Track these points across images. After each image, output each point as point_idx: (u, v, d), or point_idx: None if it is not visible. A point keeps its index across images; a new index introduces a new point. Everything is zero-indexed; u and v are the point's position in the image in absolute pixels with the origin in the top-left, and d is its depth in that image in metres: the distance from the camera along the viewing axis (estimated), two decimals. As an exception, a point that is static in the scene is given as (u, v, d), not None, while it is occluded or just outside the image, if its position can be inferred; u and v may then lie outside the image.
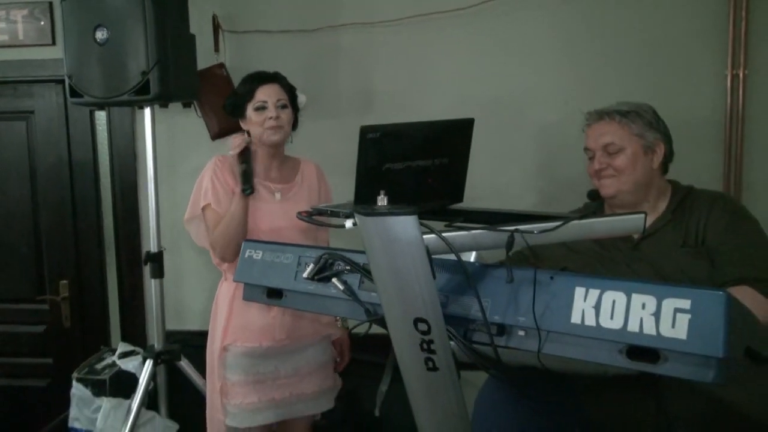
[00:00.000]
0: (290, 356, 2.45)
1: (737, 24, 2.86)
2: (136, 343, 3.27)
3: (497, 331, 1.26)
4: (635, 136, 2.10)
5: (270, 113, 2.39)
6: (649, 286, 1.11)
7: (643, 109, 2.15)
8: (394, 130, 1.37)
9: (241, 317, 2.41)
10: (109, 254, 3.52)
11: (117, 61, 2.58)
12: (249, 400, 2.40)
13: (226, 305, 2.43)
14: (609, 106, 2.19)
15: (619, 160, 2.09)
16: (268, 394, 2.41)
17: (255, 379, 2.41)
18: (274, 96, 2.42)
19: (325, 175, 2.58)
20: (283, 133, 2.42)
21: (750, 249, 1.94)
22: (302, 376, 2.47)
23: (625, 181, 2.09)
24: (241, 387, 2.41)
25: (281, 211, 2.40)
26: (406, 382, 1.35)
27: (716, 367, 1.04)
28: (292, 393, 2.45)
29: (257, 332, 2.40)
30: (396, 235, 1.16)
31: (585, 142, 2.20)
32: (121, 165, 3.37)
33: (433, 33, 3.06)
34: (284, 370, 2.44)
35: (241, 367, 2.41)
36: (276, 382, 2.43)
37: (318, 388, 2.49)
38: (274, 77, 2.46)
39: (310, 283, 1.49)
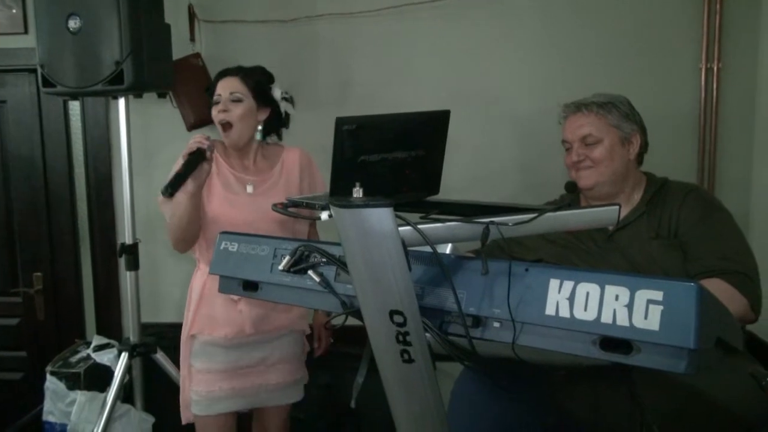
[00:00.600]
0: (257, 347, 2.43)
1: (711, 17, 2.89)
2: (111, 336, 3.25)
3: (472, 323, 1.27)
4: (612, 128, 2.12)
5: (220, 106, 2.34)
6: (623, 278, 1.11)
7: (619, 100, 2.17)
8: (370, 121, 1.37)
9: (208, 308, 2.41)
10: (84, 246, 3.49)
11: (90, 50, 2.55)
12: (210, 389, 2.40)
13: (197, 295, 2.43)
14: (585, 98, 2.20)
15: (596, 152, 2.11)
16: (230, 383, 2.41)
17: (218, 368, 2.41)
18: (228, 89, 2.36)
19: (312, 161, 2.52)
20: (236, 130, 2.34)
21: (722, 241, 1.97)
22: (267, 366, 2.46)
23: (603, 172, 2.11)
24: (203, 375, 2.41)
25: (253, 205, 2.37)
26: (382, 373, 1.35)
27: (688, 358, 1.05)
28: (254, 383, 2.44)
29: (223, 324, 2.39)
30: (371, 227, 1.15)
31: (562, 134, 2.21)
32: (95, 156, 3.34)
33: (412, 24, 3.06)
34: (249, 359, 2.43)
35: (205, 355, 2.41)
36: (239, 372, 2.42)
37: (283, 379, 2.48)
38: (235, 71, 2.40)
39: (286, 275, 1.49)
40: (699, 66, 2.93)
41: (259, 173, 2.44)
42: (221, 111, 2.34)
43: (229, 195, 2.38)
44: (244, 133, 2.37)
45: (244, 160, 2.44)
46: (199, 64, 3.08)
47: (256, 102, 2.39)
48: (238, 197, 2.39)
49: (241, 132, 2.36)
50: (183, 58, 3.04)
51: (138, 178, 2.91)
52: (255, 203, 2.37)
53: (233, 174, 2.42)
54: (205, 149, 2.19)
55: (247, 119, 2.37)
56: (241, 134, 2.36)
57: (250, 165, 2.45)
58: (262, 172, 2.45)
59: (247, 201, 2.38)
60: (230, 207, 2.36)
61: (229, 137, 2.35)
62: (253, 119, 2.40)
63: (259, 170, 2.45)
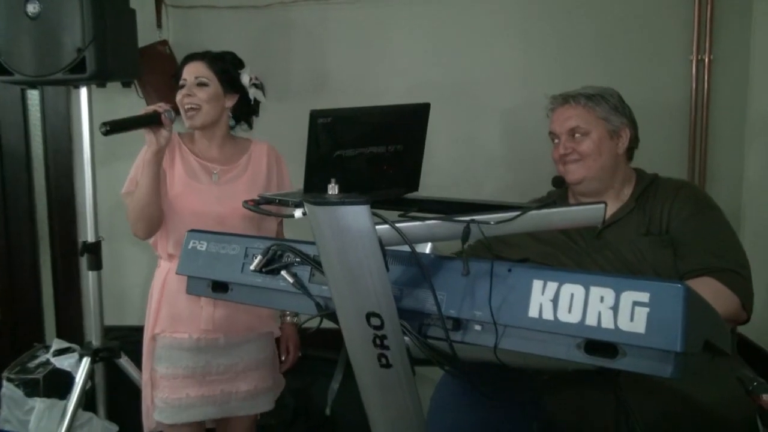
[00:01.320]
0: (224, 352, 2.42)
1: (703, 7, 2.92)
2: (72, 340, 3.23)
3: (453, 326, 1.27)
4: (601, 120, 2.14)
5: (184, 91, 2.35)
6: (608, 279, 1.13)
7: (609, 93, 2.19)
8: (347, 114, 1.37)
9: (171, 306, 2.39)
10: (43, 244, 3.46)
11: (50, 36, 2.53)
12: (176, 396, 2.38)
13: (158, 293, 2.42)
14: (574, 89, 2.22)
15: (584, 145, 2.13)
16: (197, 390, 2.39)
17: (184, 373, 2.39)
18: (194, 73, 2.37)
19: (281, 157, 2.53)
20: (202, 114, 2.35)
21: (713, 238, 2.00)
22: (237, 373, 2.44)
23: (591, 166, 2.13)
24: (168, 380, 2.39)
25: (217, 194, 2.37)
26: (358, 379, 1.36)
27: (674, 361, 1.07)
28: (224, 390, 2.43)
29: (186, 322, 2.38)
30: (347, 225, 1.16)
31: (549, 127, 2.24)
32: (55, 149, 3.31)
33: (392, 11, 3.07)
34: (216, 366, 2.41)
35: (169, 359, 2.40)
36: (206, 378, 2.40)
37: (254, 387, 2.47)
38: (201, 55, 2.41)
39: (258, 275, 1.49)
40: (690, 58, 2.96)
41: (224, 162, 2.44)
42: (186, 95, 2.34)
43: (192, 183, 2.38)
44: (209, 116, 2.38)
45: (209, 147, 2.44)
46: (166, 51, 3.07)
47: (223, 87, 2.40)
48: (202, 186, 2.39)
49: (206, 115, 2.36)
50: (149, 45, 3.03)
51: (101, 173, 2.88)
52: (220, 192, 2.37)
53: (198, 161, 2.42)
54: (161, 113, 2.22)
55: (213, 104, 2.38)
56: (205, 118, 2.37)
57: (216, 152, 2.44)
58: (228, 161, 2.45)
59: (212, 189, 2.38)
60: (194, 195, 2.36)
61: (193, 120, 2.35)
62: (220, 105, 2.40)
63: (226, 159, 2.45)
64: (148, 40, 3.02)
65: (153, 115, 2.21)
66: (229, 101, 2.42)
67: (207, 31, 3.11)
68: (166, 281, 2.40)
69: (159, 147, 2.24)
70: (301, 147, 1.32)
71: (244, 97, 2.47)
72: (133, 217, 2.34)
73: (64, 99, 3.26)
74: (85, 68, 2.52)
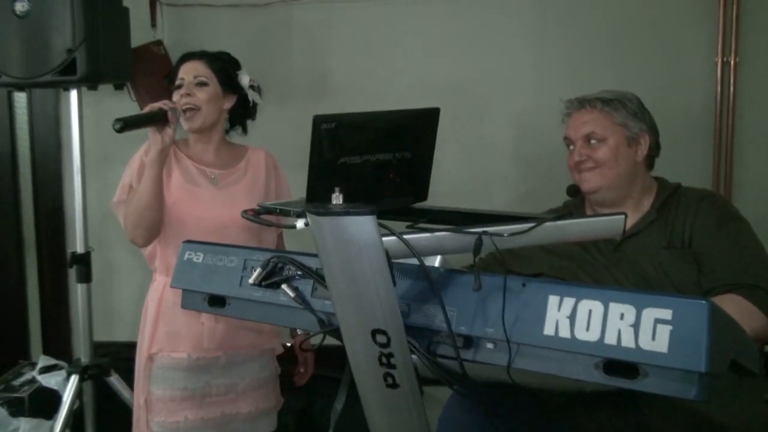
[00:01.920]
0: (224, 371, 2.42)
1: (728, 6, 2.92)
2: (60, 357, 3.24)
3: (464, 344, 1.27)
4: (618, 126, 2.14)
5: (183, 91, 2.36)
6: (628, 295, 1.13)
7: (627, 97, 2.19)
8: (352, 120, 1.37)
9: (169, 323, 2.39)
10: (29, 255, 3.47)
11: (39, 36, 2.54)
12: (174, 419, 2.38)
13: (154, 309, 2.42)
14: (591, 93, 2.23)
15: (600, 152, 2.13)
16: (196, 413, 2.39)
17: (182, 395, 2.39)
18: (192, 72, 2.38)
19: (278, 164, 2.55)
20: (201, 115, 2.36)
21: (739, 253, 1.99)
22: (237, 394, 2.44)
23: (607, 174, 2.13)
24: (165, 403, 2.39)
25: (218, 199, 2.38)
26: (362, 399, 1.36)
27: (699, 383, 1.07)
28: (224, 412, 2.43)
29: (185, 341, 2.38)
30: (352, 237, 1.16)
31: (565, 132, 2.23)
32: (43, 154, 3.33)
33: (398, 10, 3.08)
34: (216, 386, 2.41)
35: (167, 381, 2.39)
36: (206, 400, 2.40)
37: (255, 408, 2.47)
38: (199, 54, 2.43)
39: (257, 289, 1.49)
40: (715, 60, 2.97)
41: (222, 166, 2.45)
42: (185, 95, 2.35)
43: (191, 187, 2.39)
44: (209, 118, 2.39)
45: (205, 151, 2.45)
46: (160, 52, 3.09)
47: (222, 88, 2.41)
48: (201, 190, 2.40)
49: (206, 117, 2.37)
50: (143, 45, 3.05)
51: (91, 180, 2.90)
52: (220, 197, 2.39)
53: (195, 166, 2.43)
54: (167, 111, 2.24)
55: (213, 104, 2.39)
56: (205, 119, 2.38)
57: (212, 157, 2.45)
58: (225, 165, 2.46)
59: (212, 194, 2.39)
60: (194, 200, 2.37)
61: (192, 121, 2.35)
62: (219, 106, 2.42)
63: (223, 163, 2.46)
64: (142, 40, 3.04)
65: (159, 112, 2.24)
66: (227, 103, 2.44)
67: (204, 31, 3.13)
68: (163, 297, 2.40)
69: (164, 146, 2.25)
70: (302, 152, 1.33)
71: (242, 99, 2.48)
72: (132, 223, 2.34)
73: (53, 102, 3.28)
74: (75, 70, 2.53)
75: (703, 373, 1.06)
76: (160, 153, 2.26)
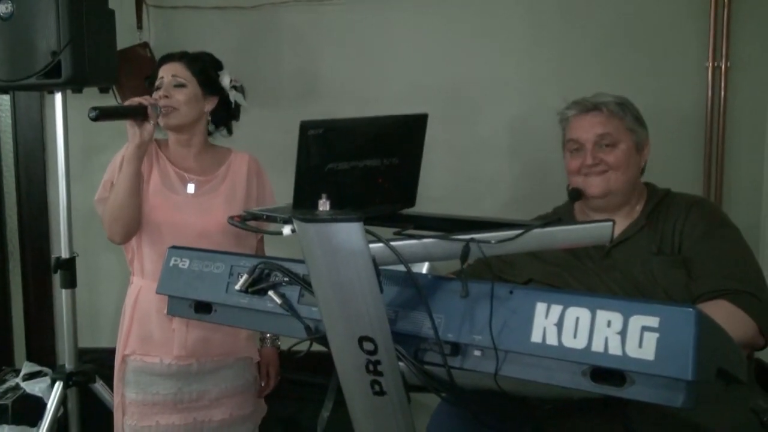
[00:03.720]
0: (197, 378, 2.42)
1: (719, 11, 2.94)
2: (44, 363, 3.23)
3: (451, 351, 1.28)
4: (629, 131, 2.14)
5: (161, 92, 2.36)
6: (615, 302, 1.14)
7: (629, 102, 2.19)
8: (339, 125, 1.38)
9: (142, 327, 2.40)
10: (13, 260, 3.46)
11: (23, 38, 2.54)
12: (145, 423, 2.39)
13: (129, 312, 2.43)
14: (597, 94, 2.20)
15: (613, 155, 2.12)
16: (168, 418, 2.40)
17: (153, 399, 2.40)
18: (170, 73, 2.39)
19: (262, 170, 2.55)
20: (179, 115, 2.36)
21: (728, 259, 2.00)
22: (210, 401, 2.44)
23: (618, 179, 2.12)
24: (137, 407, 2.40)
25: (193, 206, 2.39)
26: (350, 407, 1.36)
27: (685, 390, 1.08)
28: (197, 419, 2.43)
29: (158, 346, 2.39)
30: (339, 243, 1.17)
31: (569, 134, 2.20)
32: (27, 157, 3.32)
33: (388, 14, 3.09)
34: (189, 393, 2.41)
35: (139, 384, 2.41)
36: (178, 406, 2.41)
37: (228, 415, 2.46)
38: (178, 56, 2.44)
39: (244, 296, 1.49)
40: (705, 65, 2.99)
41: (201, 172, 2.46)
42: (162, 97, 2.35)
43: (168, 193, 2.40)
44: (187, 118, 2.39)
45: (186, 155, 2.45)
46: (146, 54, 3.09)
47: (202, 89, 2.42)
48: (178, 197, 2.40)
49: (184, 116, 2.37)
50: (129, 47, 3.05)
51: (76, 184, 2.89)
52: (197, 204, 2.40)
53: (174, 170, 2.43)
54: (147, 106, 2.25)
55: (192, 105, 2.39)
56: (183, 118, 2.38)
57: (192, 162, 2.46)
58: (205, 171, 2.47)
59: (189, 201, 2.40)
60: (171, 207, 2.38)
61: (168, 118, 2.35)
62: (199, 107, 2.42)
63: (203, 169, 2.47)
64: (128, 43, 3.04)
65: (139, 107, 2.25)
66: (208, 105, 2.44)
67: (190, 33, 3.13)
68: (138, 300, 2.41)
69: (142, 141, 2.27)
70: (290, 156, 1.34)
71: (223, 101, 2.49)
72: (109, 219, 2.35)
73: (37, 105, 3.28)
74: (60, 73, 2.53)
75: (690, 381, 1.07)
76: (138, 148, 2.27)
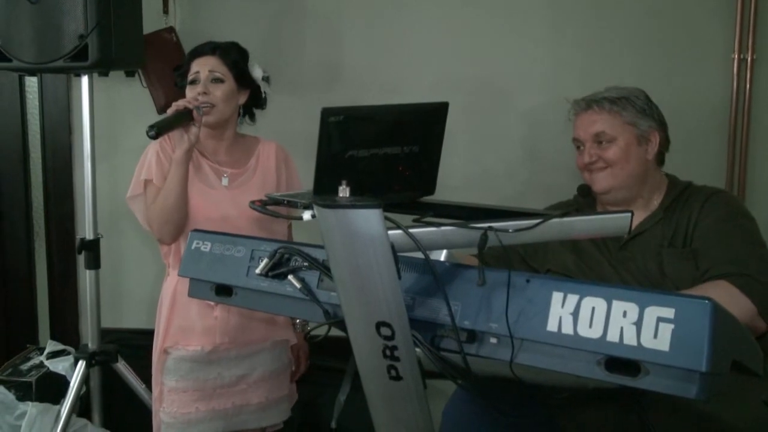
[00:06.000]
0: (236, 362, 2.45)
1: (746, 4, 2.91)
2: (67, 342, 3.27)
3: (467, 338, 1.29)
4: (628, 125, 2.14)
5: (199, 88, 2.36)
6: (631, 293, 1.15)
7: (635, 94, 2.18)
8: (360, 113, 1.39)
9: (182, 318, 2.42)
10: (39, 241, 3.49)
11: (51, 22, 2.55)
12: (185, 410, 2.41)
13: (168, 303, 2.44)
14: (597, 92, 2.22)
15: (610, 152, 2.13)
16: (207, 404, 2.42)
17: (194, 386, 2.42)
18: (207, 68, 2.39)
19: (290, 157, 2.56)
20: (218, 112, 2.36)
21: (736, 246, 1.97)
22: (249, 385, 2.47)
23: (618, 174, 2.13)
24: (177, 394, 2.42)
25: (229, 199, 2.39)
26: (366, 391, 1.38)
27: (699, 381, 1.09)
28: (235, 403, 2.45)
29: (199, 335, 2.41)
30: (358, 229, 1.18)
31: (573, 132, 2.24)
32: (54, 139, 3.35)
33: (413, 3, 3.08)
34: (228, 377, 2.44)
35: (179, 372, 2.42)
36: (217, 391, 2.43)
37: (266, 399, 2.49)
38: (212, 49, 2.42)
39: (264, 279, 1.51)
40: (731, 56, 2.95)
41: (234, 164, 2.47)
42: (201, 93, 2.36)
43: (203, 187, 2.41)
44: (224, 114, 2.40)
45: (218, 148, 2.47)
46: (172, 39, 3.10)
47: (237, 83, 2.43)
48: (214, 191, 2.41)
49: (221, 113, 2.38)
50: (154, 32, 3.06)
51: (101, 166, 2.92)
52: (231, 197, 2.40)
53: (209, 164, 2.45)
54: (192, 109, 2.26)
55: (228, 101, 2.40)
56: (221, 116, 2.39)
57: (224, 154, 2.47)
58: (237, 163, 2.48)
59: (224, 194, 2.41)
60: (207, 201, 2.38)
61: (208, 117, 2.35)
62: (235, 101, 2.43)
63: (234, 161, 2.48)
64: (154, 27, 3.05)
65: (185, 111, 2.26)
66: (242, 98, 2.46)
67: (216, 19, 3.14)
68: (177, 292, 2.43)
69: (190, 144, 2.28)
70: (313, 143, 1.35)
71: (254, 92, 2.50)
72: (159, 222, 2.36)
73: (64, 87, 3.30)
74: (87, 56, 2.54)
75: (704, 373, 1.08)
76: (186, 152, 2.29)
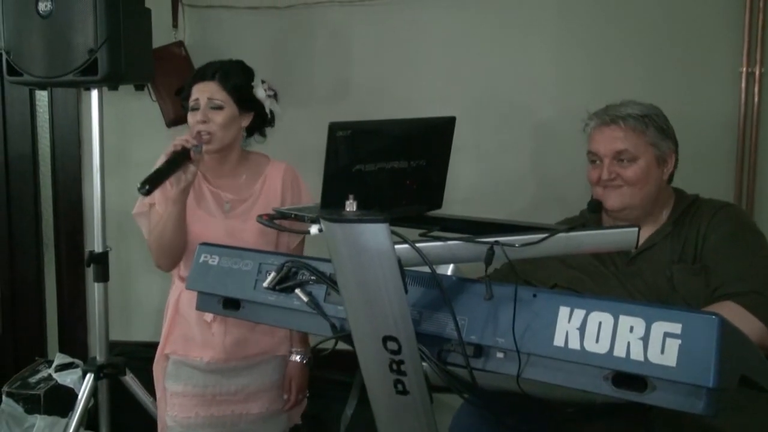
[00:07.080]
0: (236, 373, 2.45)
1: (754, 15, 2.90)
2: (76, 355, 3.28)
3: (474, 353, 1.29)
4: (650, 146, 2.09)
5: (198, 116, 2.32)
6: (638, 308, 1.14)
7: (655, 112, 2.14)
8: (367, 127, 1.40)
9: (183, 328, 2.43)
10: (48, 254, 3.51)
11: (62, 36, 2.58)
12: (185, 414, 2.42)
13: (171, 312, 2.46)
14: (614, 105, 2.18)
15: (630, 171, 2.09)
16: (207, 410, 2.43)
17: (194, 392, 2.43)
18: (206, 95, 2.33)
19: (299, 179, 2.51)
20: (218, 140, 2.32)
21: (745, 263, 1.95)
22: (248, 395, 2.47)
23: (635, 194, 2.09)
24: (178, 398, 2.44)
25: (228, 228, 2.37)
26: (373, 405, 1.38)
27: (706, 397, 1.08)
28: (234, 412, 2.46)
29: (199, 346, 2.42)
30: (365, 244, 1.18)
31: (589, 146, 2.18)
32: (63, 153, 3.37)
33: (420, 16, 3.10)
34: (227, 386, 2.45)
35: (180, 377, 2.44)
36: (216, 398, 2.44)
37: (265, 409, 2.49)
38: (211, 75, 2.36)
39: (271, 293, 1.51)
40: (739, 70, 2.94)
41: (238, 189, 2.44)
42: (200, 122, 2.32)
43: (201, 214, 2.39)
44: (225, 140, 2.36)
45: (221, 171, 2.44)
46: (181, 53, 3.12)
47: (238, 107, 2.37)
48: (212, 218, 2.39)
49: (222, 140, 2.34)
50: (164, 46, 3.08)
51: (110, 179, 2.93)
52: (231, 226, 2.38)
53: (209, 189, 2.42)
54: (189, 148, 2.21)
55: (229, 127, 2.35)
56: (221, 142, 2.35)
57: (228, 178, 2.44)
58: (241, 188, 2.44)
59: (222, 222, 2.39)
60: (203, 228, 2.35)
61: (208, 146, 2.31)
62: (236, 127, 2.38)
63: (239, 186, 2.44)
64: (163, 41, 3.07)
65: (182, 153, 2.20)
66: (245, 121, 2.41)
67: (225, 33, 3.16)
68: (180, 301, 2.44)
69: (187, 183, 2.24)
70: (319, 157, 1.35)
71: (259, 113, 2.46)
72: (156, 251, 2.36)
73: (74, 101, 3.32)
74: (97, 70, 2.56)
75: (711, 388, 1.07)
76: (183, 191, 2.25)
